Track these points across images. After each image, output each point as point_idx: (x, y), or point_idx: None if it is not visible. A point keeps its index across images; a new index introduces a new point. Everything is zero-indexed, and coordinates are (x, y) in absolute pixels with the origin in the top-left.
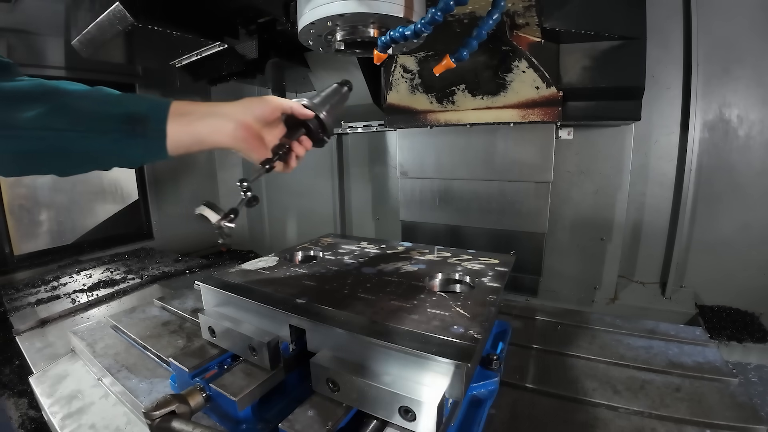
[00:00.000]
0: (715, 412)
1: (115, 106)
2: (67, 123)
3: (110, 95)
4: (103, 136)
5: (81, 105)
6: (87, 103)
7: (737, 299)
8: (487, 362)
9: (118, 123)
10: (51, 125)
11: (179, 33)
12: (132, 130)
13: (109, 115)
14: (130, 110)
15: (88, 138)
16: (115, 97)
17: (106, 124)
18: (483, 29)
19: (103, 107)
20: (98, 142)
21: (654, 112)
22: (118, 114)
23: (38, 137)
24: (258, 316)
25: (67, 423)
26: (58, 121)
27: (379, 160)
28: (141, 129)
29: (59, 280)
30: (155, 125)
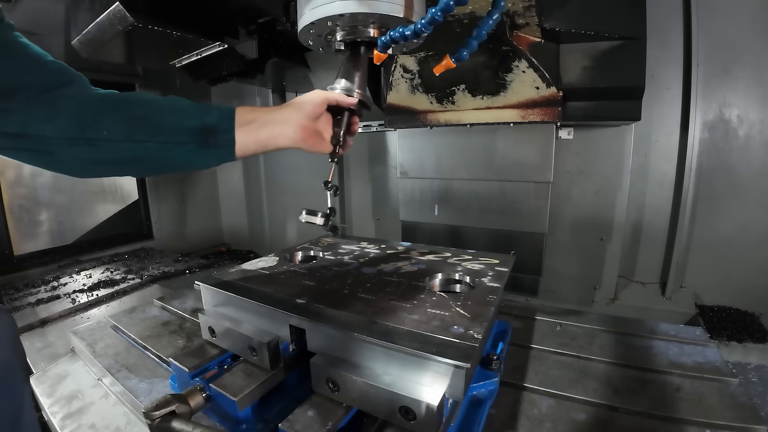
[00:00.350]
0: (715, 412)
1: (190, 118)
2: (148, 135)
3: (184, 106)
4: (180, 147)
5: (159, 117)
6: (165, 116)
7: (737, 299)
8: (487, 362)
9: (193, 135)
10: (133, 137)
11: (179, 33)
12: (205, 140)
13: (186, 128)
14: (203, 122)
15: (165, 148)
16: (188, 107)
17: (182, 136)
18: (483, 29)
19: (180, 119)
20: (175, 152)
21: (654, 112)
22: (194, 126)
23: (120, 148)
24: (258, 316)
25: (67, 423)
26: (139, 133)
27: (379, 160)
28: (213, 140)
29: (59, 280)
30: (225, 135)
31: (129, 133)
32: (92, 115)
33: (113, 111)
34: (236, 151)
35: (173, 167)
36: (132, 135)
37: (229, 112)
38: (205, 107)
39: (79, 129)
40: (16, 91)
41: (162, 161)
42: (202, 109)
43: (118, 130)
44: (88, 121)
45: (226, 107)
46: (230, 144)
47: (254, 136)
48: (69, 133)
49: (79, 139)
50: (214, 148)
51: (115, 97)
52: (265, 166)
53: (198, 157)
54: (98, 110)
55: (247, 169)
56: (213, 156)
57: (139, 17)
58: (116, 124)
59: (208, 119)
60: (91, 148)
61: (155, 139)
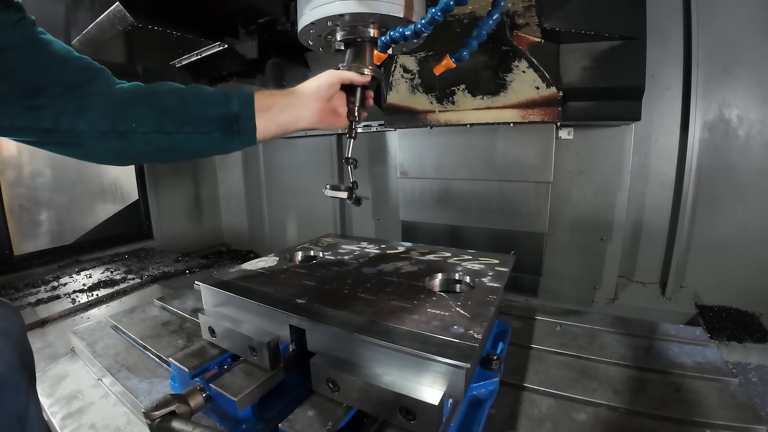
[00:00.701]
0: (715, 412)
1: (214, 107)
2: (175, 126)
3: (207, 95)
4: (206, 136)
5: (185, 108)
6: (190, 107)
7: (737, 299)
8: (487, 362)
9: (218, 124)
10: (161, 129)
11: (179, 33)
12: (229, 128)
13: (211, 117)
14: (227, 111)
15: (192, 138)
16: (211, 96)
17: (208, 125)
18: (483, 29)
19: (204, 109)
20: (201, 141)
21: (654, 112)
22: (218, 115)
23: (149, 140)
24: (258, 316)
25: (67, 423)
26: (167, 124)
27: (379, 160)
28: (236, 127)
29: (59, 280)
30: (247, 122)
31: (157, 125)
32: (122, 109)
33: (141, 104)
34: (257, 136)
35: (198, 155)
36: (160, 127)
37: (249, 98)
38: (226, 94)
39: (110, 123)
40: (44, 89)
41: (188, 150)
42: (225, 97)
43: (146, 123)
44: (117, 115)
45: (245, 93)
46: (252, 130)
47: (275, 121)
48: (100, 126)
49: (110, 132)
50: (237, 135)
51: (140, 90)
52: (265, 166)
53: (222, 145)
54: (127, 104)
55: (247, 169)
56: (236, 142)
57: (139, 17)
58: (145, 116)
59: (231, 107)
60: (121, 141)
61: (183, 129)
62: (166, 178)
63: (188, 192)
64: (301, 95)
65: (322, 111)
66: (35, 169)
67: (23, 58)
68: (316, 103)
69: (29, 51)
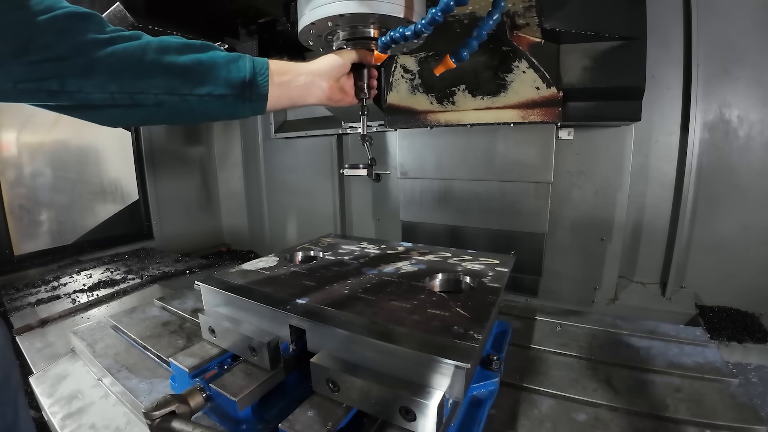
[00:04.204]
0: (715, 413)
1: (229, 71)
2: (189, 89)
3: (221, 57)
4: (219, 100)
5: (200, 70)
6: (205, 69)
7: (737, 300)
8: (487, 362)
9: (233, 88)
10: (174, 91)
11: (179, 33)
12: (242, 94)
13: (226, 81)
14: (242, 76)
15: (204, 101)
16: (226, 59)
17: (222, 89)
18: (483, 29)
19: (220, 72)
20: (214, 104)
21: (654, 112)
22: (233, 80)
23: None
24: (258, 316)
25: (67, 423)
26: (181, 87)
27: (380, 160)
28: (249, 93)
29: (59, 280)
30: (260, 90)
31: (170, 87)
32: (131, 70)
33: (152, 63)
34: (268, 106)
35: (208, 118)
36: (173, 89)
37: (264, 66)
38: (238, 58)
39: (119, 84)
40: (33, 41)
41: (198, 112)
42: (239, 61)
43: (158, 84)
44: (127, 76)
45: (260, 61)
46: (264, 99)
47: (287, 94)
48: (109, 88)
49: (119, 93)
50: (249, 102)
51: (149, 47)
52: (265, 166)
53: (233, 110)
54: (136, 63)
55: (247, 169)
56: (247, 109)
57: (140, 17)
58: (157, 77)
59: (247, 73)
60: (131, 102)
61: (196, 92)
62: (167, 178)
63: (188, 192)
64: (314, 72)
65: (332, 89)
66: (35, 169)
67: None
68: (327, 82)
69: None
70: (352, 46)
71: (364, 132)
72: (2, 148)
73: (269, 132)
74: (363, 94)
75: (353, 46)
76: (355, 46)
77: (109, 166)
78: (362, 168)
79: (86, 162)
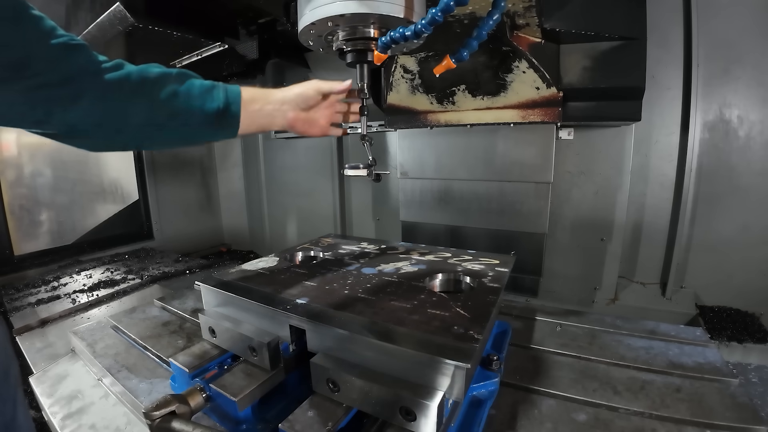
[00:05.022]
0: (715, 413)
1: (205, 101)
2: (166, 119)
3: (198, 87)
4: (193, 128)
5: (178, 101)
6: (183, 99)
7: (737, 300)
8: (487, 363)
9: (207, 117)
10: (153, 121)
11: (179, 33)
12: (215, 122)
13: (201, 111)
14: (217, 106)
15: (179, 131)
16: (202, 90)
17: (197, 118)
18: (483, 30)
19: (196, 102)
20: (188, 132)
21: (654, 112)
22: (208, 110)
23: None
24: (258, 316)
25: (67, 423)
26: (159, 117)
27: (380, 160)
28: (222, 122)
29: (59, 280)
30: (232, 119)
31: (149, 118)
32: (114, 102)
33: (134, 95)
34: (238, 132)
35: (183, 144)
36: (152, 119)
37: (237, 95)
38: (213, 88)
39: (102, 115)
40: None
41: (173, 139)
42: (213, 91)
43: (139, 115)
44: (110, 108)
45: (233, 89)
46: (236, 126)
47: (255, 121)
48: (92, 119)
49: (102, 124)
50: (221, 129)
51: (132, 79)
52: (266, 166)
53: (207, 137)
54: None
55: (247, 169)
56: (220, 135)
57: (140, 18)
58: (138, 109)
59: (220, 103)
60: (112, 132)
61: (172, 122)
62: (167, 179)
63: (189, 192)
64: (281, 101)
65: (296, 119)
66: (35, 169)
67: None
68: (292, 112)
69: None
70: (351, 46)
71: (364, 132)
72: (2, 148)
73: (269, 132)
74: (363, 94)
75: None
76: (355, 45)
77: (109, 166)
78: (362, 168)
79: (86, 162)
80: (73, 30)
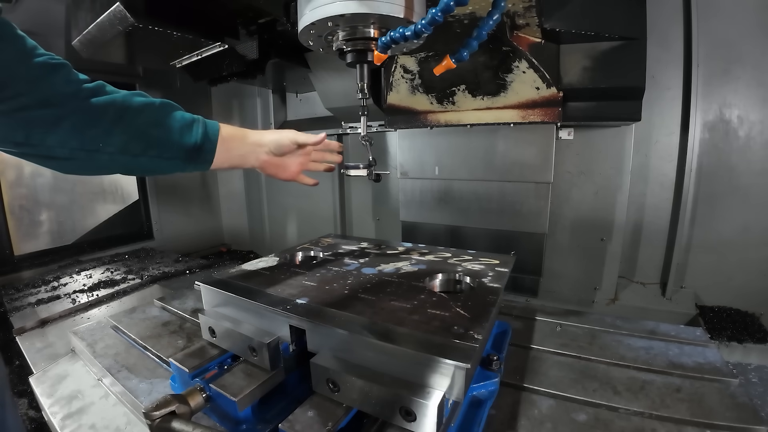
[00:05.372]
0: (715, 413)
1: (182, 136)
2: (142, 149)
3: (177, 121)
4: (167, 161)
5: (155, 133)
6: (160, 132)
7: (737, 300)
8: (487, 363)
9: (182, 152)
10: (127, 151)
11: (179, 33)
12: (189, 157)
13: (177, 145)
14: (193, 141)
15: (154, 162)
16: (181, 124)
17: (173, 152)
18: (483, 30)
19: (173, 136)
20: (162, 164)
21: (654, 112)
22: (184, 145)
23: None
24: (258, 316)
25: (67, 423)
26: (134, 147)
27: (380, 160)
28: (196, 157)
29: (59, 280)
30: (207, 155)
31: (124, 147)
32: (92, 129)
33: (112, 123)
34: (210, 166)
35: (153, 173)
36: (126, 149)
37: (215, 132)
38: (193, 123)
39: (79, 141)
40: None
41: (147, 170)
42: (192, 126)
43: (115, 143)
44: (88, 134)
45: (212, 126)
46: (209, 162)
47: (228, 159)
48: (69, 144)
49: (78, 150)
50: (194, 163)
51: (112, 107)
52: None
53: (178, 168)
54: (98, 122)
55: (247, 169)
56: (191, 169)
57: (140, 18)
58: (114, 137)
59: (198, 138)
60: (88, 158)
61: (148, 153)
62: (167, 179)
63: (188, 192)
64: (257, 143)
65: (268, 162)
66: (35, 169)
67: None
68: (265, 155)
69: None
70: (351, 46)
71: (364, 132)
72: None
73: None
74: (363, 94)
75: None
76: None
77: None
78: (362, 168)
79: None
80: (73, 30)
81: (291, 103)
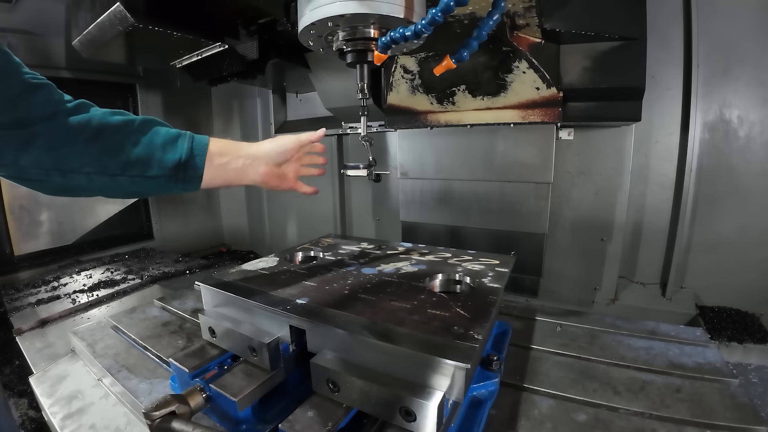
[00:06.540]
0: (715, 413)
1: (165, 153)
2: (121, 169)
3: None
4: (150, 180)
5: (134, 151)
6: (140, 149)
7: (737, 300)
8: (487, 363)
9: (166, 170)
10: (105, 171)
11: (179, 33)
12: (175, 175)
13: (160, 164)
14: (177, 158)
15: (136, 182)
16: (164, 141)
17: (155, 170)
18: (483, 30)
19: (155, 154)
20: (145, 185)
21: (654, 112)
22: (167, 162)
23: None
24: (258, 316)
25: (67, 423)
26: (112, 167)
27: (380, 160)
28: (183, 175)
29: (59, 280)
30: (195, 172)
31: (101, 167)
32: (67, 148)
33: (88, 143)
34: (201, 185)
35: (138, 196)
36: (104, 169)
37: (203, 147)
38: (177, 139)
39: (54, 161)
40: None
41: (129, 191)
42: (177, 141)
43: (90, 163)
44: (62, 154)
45: (199, 140)
46: (198, 180)
47: (222, 175)
48: (44, 164)
49: (53, 170)
50: (181, 182)
51: (89, 126)
52: None
53: (164, 189)
54: (73, 142)
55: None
56: (179, 189)
57: (140, 18)
58: (90, 157)
59: (182, 155)
60: (63, 178)
61: (128, 173)
62: None
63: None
64: (253, 156)
65: (269, 174)
66: None
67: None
68: (266, 166)
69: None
70: (351, 47)
71: (364, 132)
72: None
73: (269, 132)
74: (363, 94)
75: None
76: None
77: None
78: (362, 168)
79: None
80: (73, 30)
81: (291, 104)
